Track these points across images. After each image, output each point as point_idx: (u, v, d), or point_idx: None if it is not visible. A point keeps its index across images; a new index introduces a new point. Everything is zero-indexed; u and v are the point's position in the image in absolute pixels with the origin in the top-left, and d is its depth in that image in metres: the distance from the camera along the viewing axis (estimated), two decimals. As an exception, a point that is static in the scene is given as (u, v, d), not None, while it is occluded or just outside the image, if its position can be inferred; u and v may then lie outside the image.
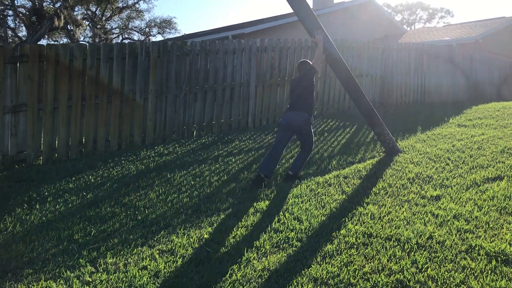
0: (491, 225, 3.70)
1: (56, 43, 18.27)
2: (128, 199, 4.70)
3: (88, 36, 39.43)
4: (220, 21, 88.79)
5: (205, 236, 3.73)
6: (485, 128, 7.58)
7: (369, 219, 3.95)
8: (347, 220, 3.92)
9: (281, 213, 4.16)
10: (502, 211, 4.00)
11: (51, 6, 28.88)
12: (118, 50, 6.97)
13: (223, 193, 4.82)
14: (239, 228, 3.85)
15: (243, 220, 4.04)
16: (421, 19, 51.16)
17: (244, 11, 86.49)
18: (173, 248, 3.53)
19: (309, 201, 4.47)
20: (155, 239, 3.72)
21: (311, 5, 21.27)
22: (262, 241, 3.56)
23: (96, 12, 36.22)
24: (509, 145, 6.30)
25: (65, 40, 34.59)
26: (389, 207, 4.23)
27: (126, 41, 38.42)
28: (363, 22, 20.34)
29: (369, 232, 3.65)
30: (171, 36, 37.63)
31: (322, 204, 4.39)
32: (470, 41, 17.02)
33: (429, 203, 4.33)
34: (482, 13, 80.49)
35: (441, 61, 12.92)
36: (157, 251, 3.48)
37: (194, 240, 3.66)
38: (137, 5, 38.33)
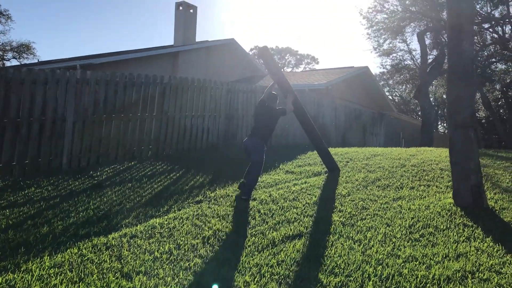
0: (262, 302, 3.20)
1: None
2: None
3: None
4: (88, 49, 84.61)
5: None
6: (310, 176, 7.48)
7: (126, 297, 3.21)
8: (93, 302, 3.13)
9: (14, 293, 3.22)
10: (282, 281, 3.56)
11: None
12: None
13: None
14: None
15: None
16: (290, 64, 54.22)
17: (110, 40, 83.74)
18: None
19: (67, 273, 3.60)
20: None
21: (171, 42, 20.78)
22: None
23: None
24: (323, 196, 6.15)
25: None
26: (160, 278, 3.55)
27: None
28: (226, 63, 20.45)
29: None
30: (28, 61, 34.44)
31: (81, 276, 3.55)
32: (321, 87, 17.86)
33: (212, 271, 3.74)
34: (344, 60, 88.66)
35: (288, 105, 13.14)
36: None
37: None
38: (-10, 27, 34.69)
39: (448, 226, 4.89)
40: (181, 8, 19.68)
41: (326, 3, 79.35)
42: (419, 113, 42.65)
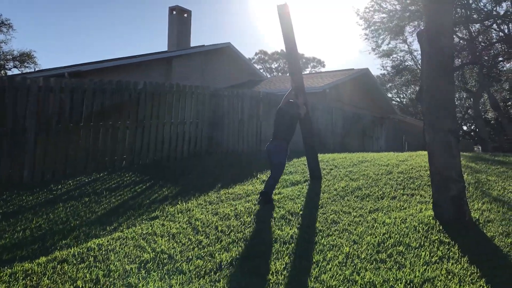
0: None
1: None
2: None
3: None
4: (87, 56, 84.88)
5: None
6: (287, 186, 6.93)
7: None
8: None
9: None
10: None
11: None
12: None
13: None
14: None
15: None
16: (295, 67, 53.62)
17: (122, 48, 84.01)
18: None
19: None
20: None
21: (165, 48, 20.43)
22: None
23: None
24: (293, 209, 5.61)
25: None
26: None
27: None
28: (222, 68, 20.02)
29: None
30: (29, 70, 34.43)
31: (-21, 313, 3.08)
32: (318, 91, 17.32)
33: (134, 303, 3.25)
34: (351, 63, 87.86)
35: (279, 109, 12.63)
36: None
37: None
38: (-8, 36, 34.84)
39: (422, 243, 4.33)
40: (174, 12, 19.36)
41: (333, 5, 78.84)
42: (427, 115, 41.63)
